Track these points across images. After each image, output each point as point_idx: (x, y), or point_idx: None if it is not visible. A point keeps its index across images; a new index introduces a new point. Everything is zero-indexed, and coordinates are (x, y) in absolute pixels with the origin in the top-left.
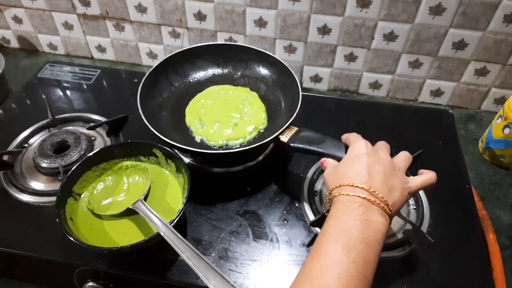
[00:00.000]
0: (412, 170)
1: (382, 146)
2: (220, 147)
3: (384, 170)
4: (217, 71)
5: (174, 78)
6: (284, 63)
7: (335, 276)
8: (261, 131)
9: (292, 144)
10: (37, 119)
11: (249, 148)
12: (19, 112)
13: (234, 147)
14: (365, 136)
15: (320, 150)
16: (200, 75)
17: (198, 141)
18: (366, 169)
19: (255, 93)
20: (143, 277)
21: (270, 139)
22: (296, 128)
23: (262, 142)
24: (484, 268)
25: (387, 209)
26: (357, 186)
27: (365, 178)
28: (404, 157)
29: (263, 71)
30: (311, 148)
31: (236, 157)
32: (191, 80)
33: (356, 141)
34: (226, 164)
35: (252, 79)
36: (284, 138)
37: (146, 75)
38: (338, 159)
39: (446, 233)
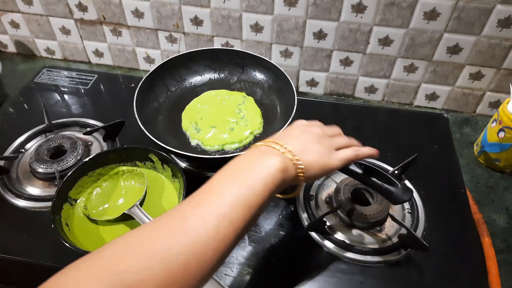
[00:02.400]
0: (407, 175)
1: (319, 125)
2: (216, 152)
3: (306, 135)
4: (214, 75)
5: (170, 82)
6: (279, 68)
7: (212, 199)
8: (257, 135)
9: None
10: (34, 124)
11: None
12: (16, 117)
13: (229, 152)
14: (361, 140)
15: None
16: (196, 79)
17: (194, 146)
18: (289, 132)
19: (251, 97)
20: None
21: None
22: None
23: None
24: (480, 272)
25: (293, 159)
26: (268, 141)
27: (283, 137)
28: (333, 131)
29: (259, 75)
30: None
31: (221, 163)
32: (187, 85)
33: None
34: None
35: (248, 84)
36: None
37: (143, 80)
38: None
39: (441, 237)
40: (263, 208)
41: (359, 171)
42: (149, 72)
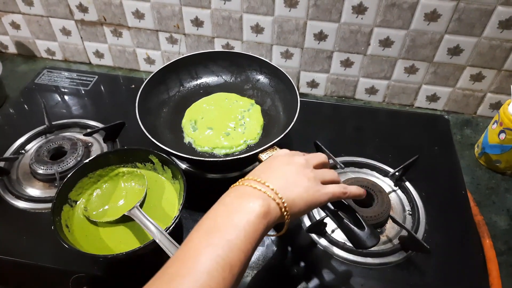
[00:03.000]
0: (408, 176)
1: (302, 154)
2: (205, 153)
3: (289, 167)
4: (230, 78)
5: (185, 78)
6: (292, 82)
7: (190, 259)
8: (251, 145)
9: None
10: (34, 125)
11: (224, 160)
12: (16, 118)
13: (217, 156)
14: (361, 141)
15: None
16: (212, 80)
17: (186, 143)
18: (271, 164)
19: (258, 106)
20: (139, 284)
21: (248, 155)
22: (278, 149)
23: (240, 156)
24: (480, 273)
25: (276, 198)
26: (248, 179)
27: (265, 171)
28: (318, 160)
29: (273, 86)
30: None
31: (218, 166)
32: (201, 83)
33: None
34: (222, 170)
35: (261, 92)
36: (264, 157)
37: (156, 71)
38: None
39: (442, 238)
40: (247, 263)
41: (330, 205)
42: (166, 64)
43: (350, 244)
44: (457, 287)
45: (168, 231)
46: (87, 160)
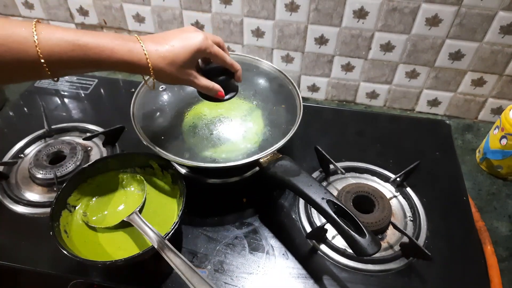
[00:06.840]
0: (409, 182)
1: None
2: (205, 158)
3: (173, 33)
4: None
5: None
6: (297, 90)
7: None
8: (252, 150)
9: (268, 170)
10: (34, 129)
11: (224, 166)
12: (16, 121)
13: (217, 161)
14: (362, 146)
15: (288, 181)
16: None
17: (186, 148)
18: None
19: (259, 110)
20: None
21: (250, 161)
22: (279, 155)
23: (241, 162)
24: (482, 280)
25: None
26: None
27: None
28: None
29: (277, 91)
30: (283, 178)
31: (219, 171)
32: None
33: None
34: (222, 175)
35: (262, 96)
36: (264, 162)
37: None
38: (306, 197)
39: (444, 245)
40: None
41: (330, 211)
42: None
43: (351, 251)
44: None
45: (167, 237)
46: (86, 165)
